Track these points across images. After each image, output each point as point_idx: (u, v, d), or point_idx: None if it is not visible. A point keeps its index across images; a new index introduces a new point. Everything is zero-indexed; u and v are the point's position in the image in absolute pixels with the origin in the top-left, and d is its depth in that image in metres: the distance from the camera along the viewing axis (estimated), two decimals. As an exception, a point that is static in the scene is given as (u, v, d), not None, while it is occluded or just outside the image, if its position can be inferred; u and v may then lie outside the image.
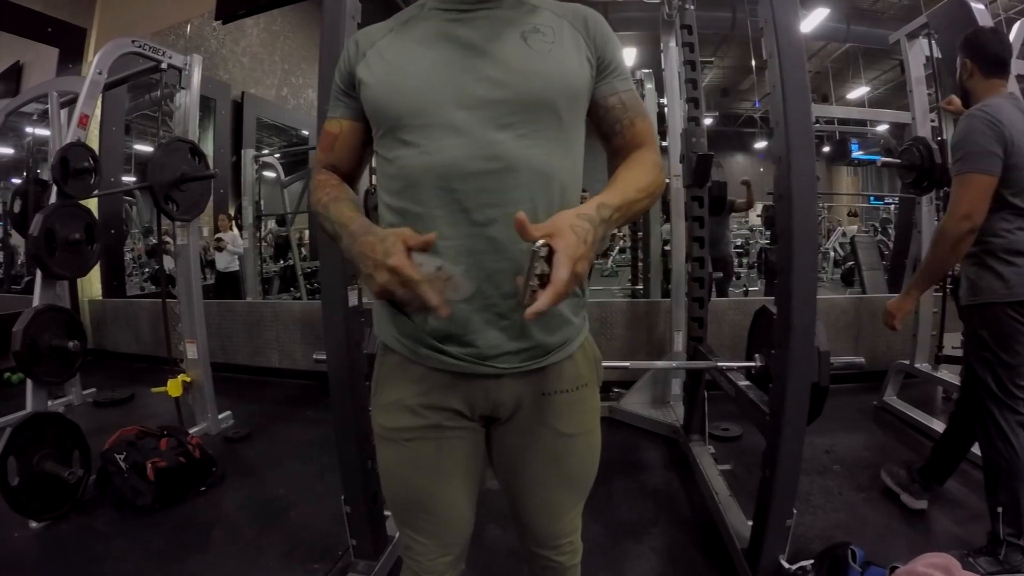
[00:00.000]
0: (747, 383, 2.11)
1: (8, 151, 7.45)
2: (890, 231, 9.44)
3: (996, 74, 1.90)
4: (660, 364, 3.16)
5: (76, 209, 2.58)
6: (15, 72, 5.72)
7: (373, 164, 1.03)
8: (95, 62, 2.76)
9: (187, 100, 3.11)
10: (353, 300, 1.71)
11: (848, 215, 14.95)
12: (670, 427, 3.15)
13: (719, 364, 2.26)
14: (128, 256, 8.00)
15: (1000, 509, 1.81)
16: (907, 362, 3.53)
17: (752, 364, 2.20)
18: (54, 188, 2.55)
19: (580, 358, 1.01)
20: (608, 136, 0.99)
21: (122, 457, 2.52)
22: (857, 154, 7.36)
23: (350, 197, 0.96)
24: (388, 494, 1.05)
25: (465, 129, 0.85)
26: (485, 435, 1.04)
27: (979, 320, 1.89)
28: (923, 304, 3.42)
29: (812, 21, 9.06)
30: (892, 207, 11.90)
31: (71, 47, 5.25)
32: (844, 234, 9.44)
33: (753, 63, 8.26)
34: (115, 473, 2.50)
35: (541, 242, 0.71)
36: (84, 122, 2.67)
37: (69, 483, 2.38)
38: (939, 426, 2.94)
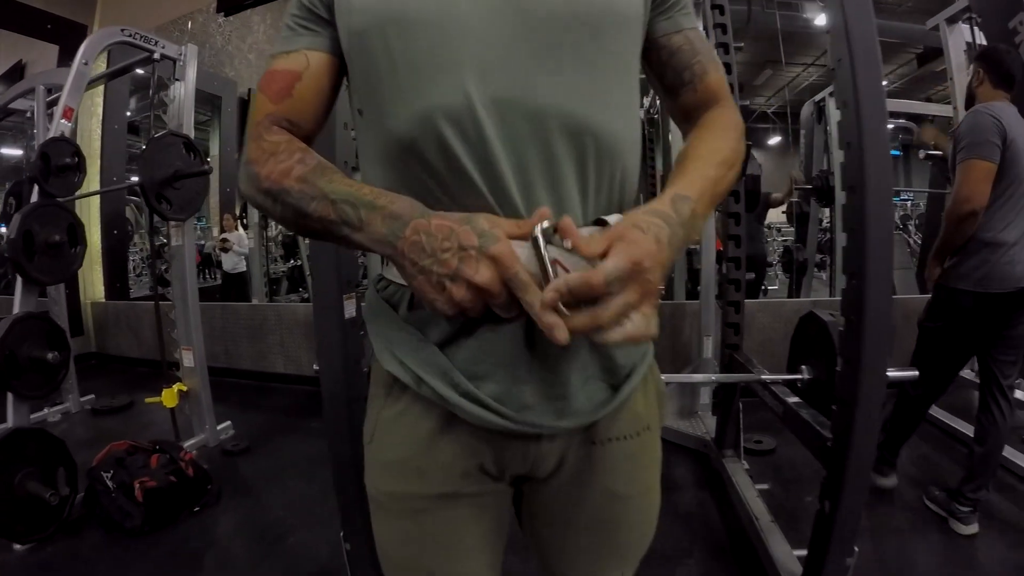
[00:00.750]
0: (796, 400, 1.88)
1: (17, 152, 7.34)
2: (911, 227, 9.15)
3: (1003, 87, 2.12)
4: (697, 377, 2.93)
5: (57, 209, 2.40)
6: (18, 71, 5.62)
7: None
8: (80, 52, 2.58)
9: (182, 92, 2.91)
10: (351, 310, 1.50)
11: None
12: (699, 440, 2.93)
13: (762, 377, 2.03)
14: (137, 257, 7.93)
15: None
16: None
17: (799, 377, 1.98)
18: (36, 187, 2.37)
19: (640, 393, 0.75)
20: (674, 90, 0.75)
21: (109, 476, 2.37)
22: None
23: (334, 168, 0.66)
24: (386, 574, 0.80)
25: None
26: (514, 492, 0.80)
27: None
28: None
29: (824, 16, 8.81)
30: (908, 203, 11.63)
31: (72, 44, 5.04)
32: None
33: (782, 56, 8.03)
34: (102, 493, 2.34)
35: (546, 223, 0.52)
36: (68, 115, 2.48)
37: (51, 505, 2.22)
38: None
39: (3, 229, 6.49)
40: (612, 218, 0.60)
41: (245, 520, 2.47)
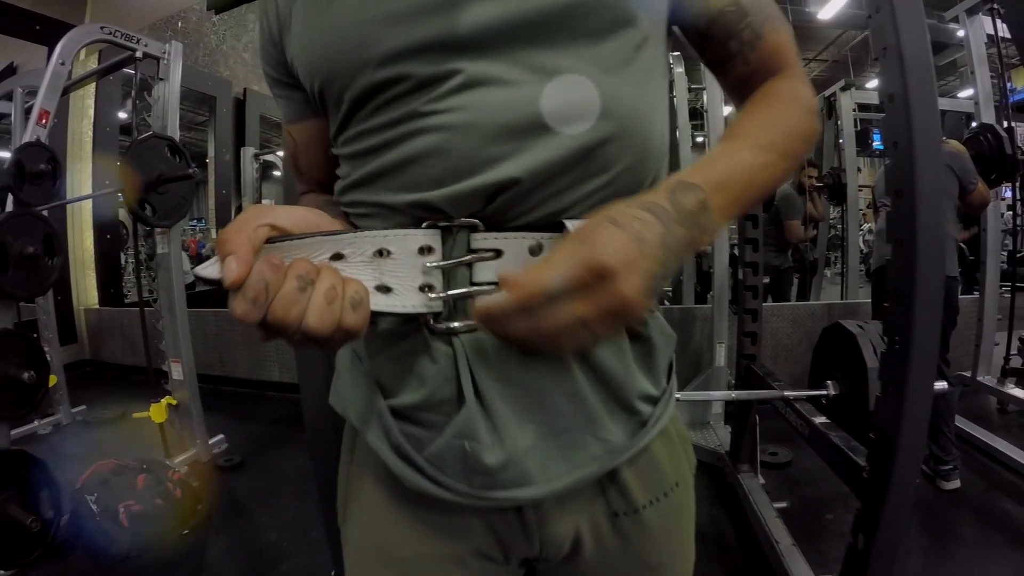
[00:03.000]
0: (824, 420, 1.75)
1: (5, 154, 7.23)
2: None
3: None
4: (716, 395, 2.79)
5: (32, 219, 2.26)
6: (9, 73, 5.49)
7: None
8: (57, 51, 2.43)
9: (166, 92, 2.77)
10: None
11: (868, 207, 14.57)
12: (712, 453, 2.80)
13: (784, 394, 1.90)
14: (132, 260, 7.83)
15: None
16: (968, 374, 3.24)
17: (823, 393, 1.85)
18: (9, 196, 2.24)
19: (661, 445, 0.61)
20: (721, 63, 0.60)
21: (93, 499, 2.26)
22: (879, 144, 6.98)
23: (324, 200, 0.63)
24: None
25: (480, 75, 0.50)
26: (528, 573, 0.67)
27: None
28: (986, 311, 3.11)
29: (832, 8, 8.62)
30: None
31: (62, 45, 5.01)
32: (870, 230, 9.15)
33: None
34: (87, 516, 2.23)
35: None
36: (44, 118, 2.34)
37: (32, 531, 2.08)
38: (1002, 445, 2.70)
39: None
40: (572, 223, 0.46)
41: (236, 544, 2.35)
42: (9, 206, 2.28)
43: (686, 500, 0.65)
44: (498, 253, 0.48)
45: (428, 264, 0.48)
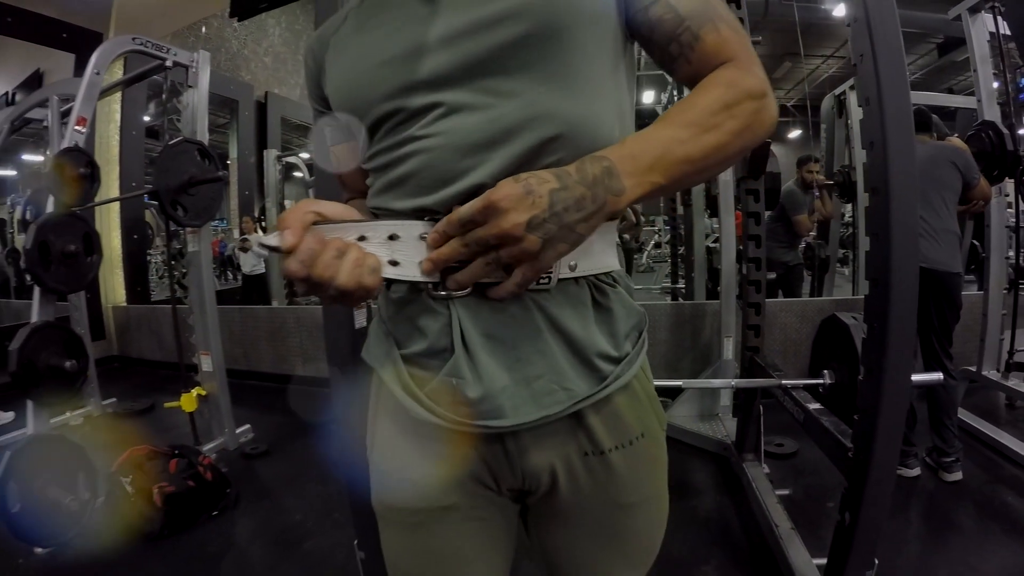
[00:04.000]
0: (817, 406, 1.84)
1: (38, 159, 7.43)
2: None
3: (918, 132, 2.34)
4: (716, 383, 2.88)
5: (72, 219, 2.41)
6: (36, 80, 5.68)
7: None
8: (92, 62, 2.59)
9: (195, 99, 2.92)
10: (360, 321, 1.49)
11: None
12: (719, 443, 2.89)
13: (783, 382, 1.99)
14: (159, 259, 8.02)
15: None
16: (973, 368, 3.26)
17: (820, 382, 1.94)
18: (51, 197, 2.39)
19: (624, 400, 0.71)
20: (668, 66, 0.67)
21: (128, 481, 2.39)
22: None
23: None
24: None
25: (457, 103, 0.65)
26: (520, 509, 0.79)
27: None
28: (991, 305, 3.14)
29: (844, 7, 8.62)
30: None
31: (87, 52, 5.05)
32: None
33: (801, 48, 7.88)
34: (122, 497, 2.36)
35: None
36: (82, 125, 2.50)
37: (71, 510, 2.24)
38: (1007, 439, 2.74)
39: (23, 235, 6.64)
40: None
41: (263, 524, 2.47)
42: (49, 207, 2.44)
43: (654, 451, 0.75)
44: (393, 236, 0.62)
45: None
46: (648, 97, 6.52)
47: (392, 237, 0.61)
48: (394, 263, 0.60)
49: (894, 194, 1.22)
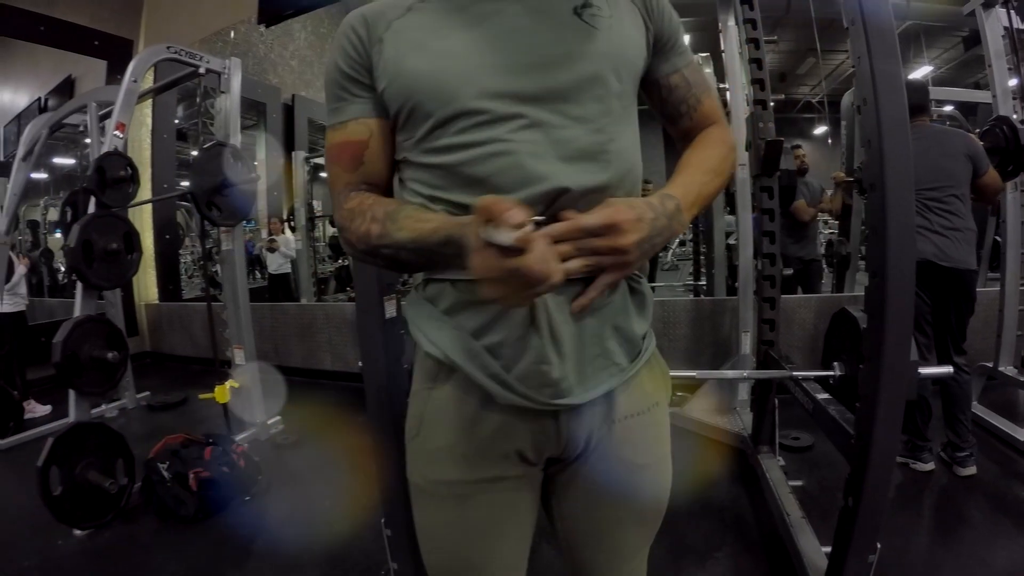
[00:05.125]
0: (826, 396, 1.89)
1: (69, 162, 7.66)
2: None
3: (915, 116, 2.30)
4: (730, 374, 2.93)
5: (114, 219, 2.55)
6: (68, 86, 5.85)
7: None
8: (130, 70, 2.73)
9: (227, 104, 3.05)
10: (391, 311, 1.58)
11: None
12: (737, 436, 2.93)
13: (794, 374, 2.04)
14: (189, 259, 8.22)
15: None
16: (990, 364, 3.23)
17: (830, 373, 1.98)
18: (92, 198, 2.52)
19: (647, 373, 0.84)
20: (673, 119, 0.88)
21: (165, 466, 2.52)
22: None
23: (396, 207, 0.76)
24: (428, 559, 0.86)
25: (537, 119, 0.72)
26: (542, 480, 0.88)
27: None
28: (1007, 301, 3.12)
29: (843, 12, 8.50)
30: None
31: (118, 59, 5.27)
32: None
33: (818, 45, 7.80)
34: (158, 482, 2.50)
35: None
36: (121, 130, 2.64)
37: (110, 493, 2.38)
38: (1023, 435, 2.71)
39: (58, 235, 6.86)
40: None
41: (293, 509, 2.58)
42: (90, 208, 2.58)
43: (663, 417, 0.88)
44: None
45: None
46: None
47: None
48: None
49: (890, 190, 1.27)
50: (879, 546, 1.53)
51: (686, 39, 0.90)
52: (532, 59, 0.72)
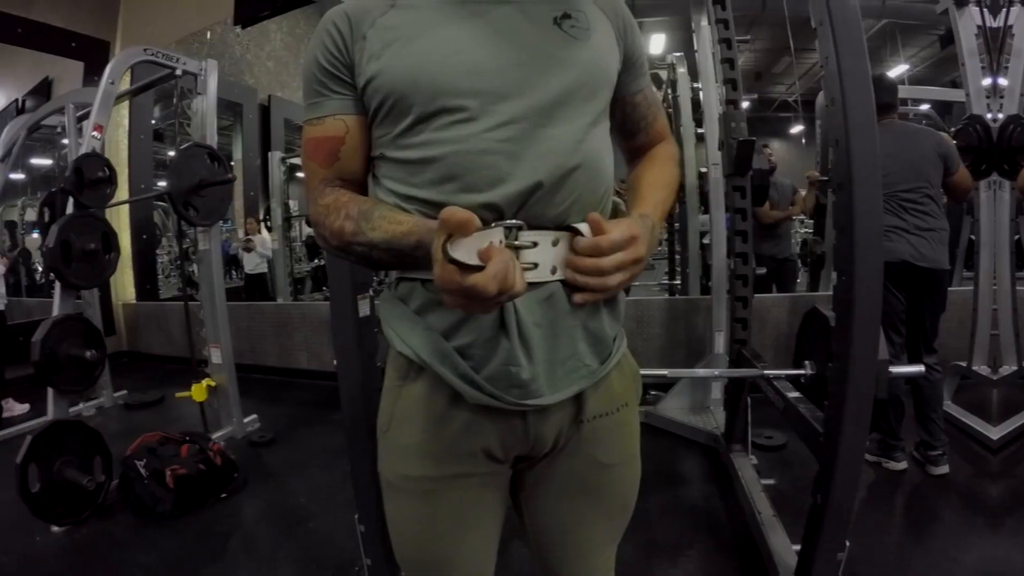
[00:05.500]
0: (797, 395, 1.93)
1: (47, 162, 7.53)
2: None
3: (884, 113, 2.35)
4: (701, 372, 2.98)
5: (91, 219, 2.55)
6: (45, 87, 5.77)
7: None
8: (107, 72, 2.74)
9: (204, 105, 3.05)
10: (365, 310, 1.60)
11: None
12: (710, 435, 2.97)
13: (765, 372, 2.08)
14: (166, 259, 8.12)
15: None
16: (964, 364, 3.27)
17: (801, 372, 2.01)
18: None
19: (617, 375, 0.87)
20: (631, 134, 0.94)
21: (142, 464, 2.51)
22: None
23: (370, 206, 0.77)
24: (398, 551, 0.89)
25: (516, 119, 0.73)
26: (511, 477, 0.90)
27: None
28: (981, 301, 3.17)
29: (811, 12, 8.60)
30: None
31: (96, 60, 5.23)
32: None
33: (792, 44, 7.87)
34: (135, 479, 2.49)
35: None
36: (99, 131, 2.63)
37: (88, 490, 2.37)
38: (997, 435, 2.75)
39: (36, 235, 6.75)
40: (582, 225, 0.72)
41: (269, 506, 2.59)
42: (69, 208, 2.57)
43: (632, 418, 0.90)
44: (535, 244, 0.72)
45: None
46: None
47: (535, 244, 0.70)
48: (532, 266, 0.70)
49: (857, 190, 1.31)
50: (848, 544, 1.54)
51: (661, 40, 0.98)
52: (515, 60, 0.74)
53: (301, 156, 0.85)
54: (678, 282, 5.11)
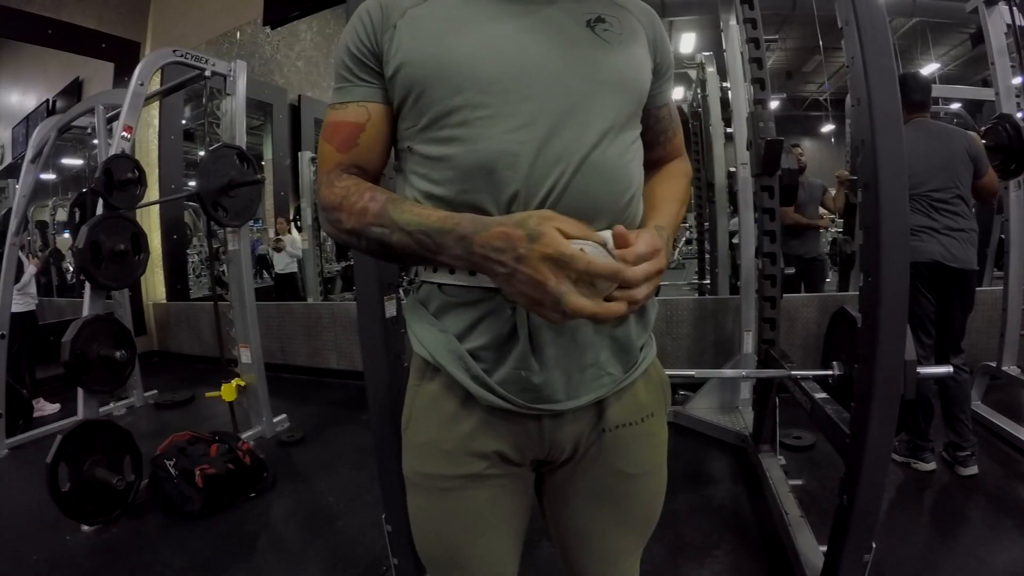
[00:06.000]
0: (824, 395, 1.90)
1: (78, 162, 7.70)
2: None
3: (916, 111, 2.50)
4: (728, 373, 2.94)
5: (121, 220, 2.59)
6: (75, 88, 5.90)
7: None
8: (136, 74, 2.78)
9: (233, 106, 3.09)
10: (391, 310, 1.61)
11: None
12: (738, 435, 2.95)
13: (793, 373, 2.05)
14: (196, 258, 8.27)
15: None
16: (993, 364, 3.20)
17: (829, 373, 1.99)
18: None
19: (643, 384, 0.86)
20: (650, 146, 0.92)
21: (172, 463, 2.55)
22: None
23: (401, 198, 0.76)
24: (418, 546, 0.89)
25: (541, 119, 0.72)
26: (536, 478, 0.90)
27: None
28: (1011, 300, 3.10)
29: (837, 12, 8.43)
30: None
31: (126, 61, 5.35)
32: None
33: (821, 43, 7.76)
34: (165, 479, 2.53)
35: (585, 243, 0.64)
36: (128, 132, 2.68)
37: (118, 489, 2.41)
38: None
39: (67, 235, 6.90)
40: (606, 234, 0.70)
41: (297, 505, 2.61)
42: (98, 209, 2.62)
43: (659, 428, 0.89)
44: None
45: None
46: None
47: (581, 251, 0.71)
48: None
49: (884, 190, 1.29)
50: (874, 545, 1.53)
51: (691, 39, 0.97)
52: (541, 60, 0.73)
53: (319, 139, 0.83)
54: (708, 282, 5.07)
